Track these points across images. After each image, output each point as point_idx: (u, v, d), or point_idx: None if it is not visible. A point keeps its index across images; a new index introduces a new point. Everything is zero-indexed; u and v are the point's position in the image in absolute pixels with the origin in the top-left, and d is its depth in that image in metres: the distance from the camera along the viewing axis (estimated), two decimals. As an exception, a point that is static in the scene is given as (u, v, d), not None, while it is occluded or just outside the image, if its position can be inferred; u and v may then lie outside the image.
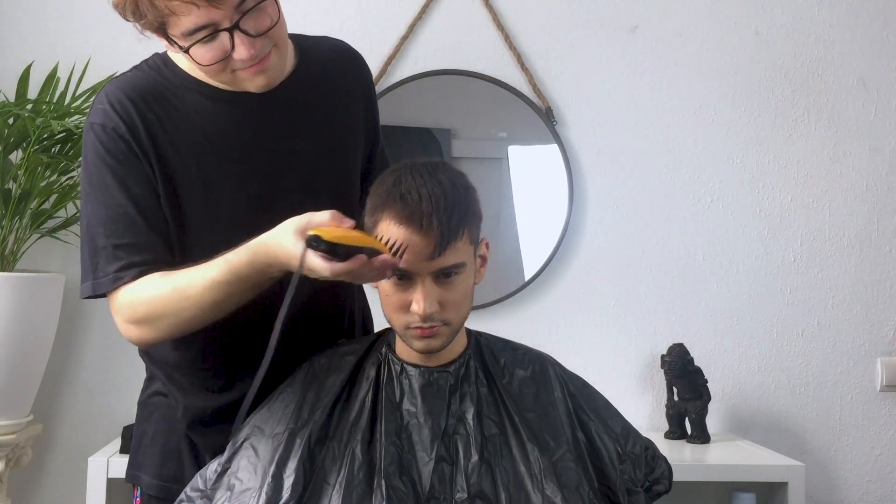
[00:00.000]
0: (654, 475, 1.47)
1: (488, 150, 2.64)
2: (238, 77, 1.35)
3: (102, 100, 1.38)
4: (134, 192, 1.35)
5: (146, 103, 1.37)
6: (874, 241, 2.64)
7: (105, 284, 1.36)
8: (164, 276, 1.33)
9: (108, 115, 1.36)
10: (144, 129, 1.36)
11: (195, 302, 1.30)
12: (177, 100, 1.39)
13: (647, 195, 2.61)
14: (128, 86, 1.39)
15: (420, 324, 1.32)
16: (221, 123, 1.39)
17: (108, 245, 1.35)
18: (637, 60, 2.62)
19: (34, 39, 2.50)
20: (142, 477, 1.54)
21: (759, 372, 2.60)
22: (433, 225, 1.28)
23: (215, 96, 1.39)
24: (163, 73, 1.41)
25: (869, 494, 2.61)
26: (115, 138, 1.35)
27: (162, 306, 1.33)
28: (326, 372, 1.42)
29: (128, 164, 1.35)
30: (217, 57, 1.30)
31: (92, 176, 1.37)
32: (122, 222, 1.35)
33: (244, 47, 1.29)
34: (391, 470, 1.31)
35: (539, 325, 2.56)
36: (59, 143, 2.30)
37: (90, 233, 1.37)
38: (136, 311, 1.35)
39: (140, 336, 1.39)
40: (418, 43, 2.57)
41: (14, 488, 2.40)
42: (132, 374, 2.47)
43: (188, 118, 1.38)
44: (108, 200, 1.36)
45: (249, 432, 1.39)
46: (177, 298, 1.31)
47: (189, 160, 1.38)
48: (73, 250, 2.44)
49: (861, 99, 2.65)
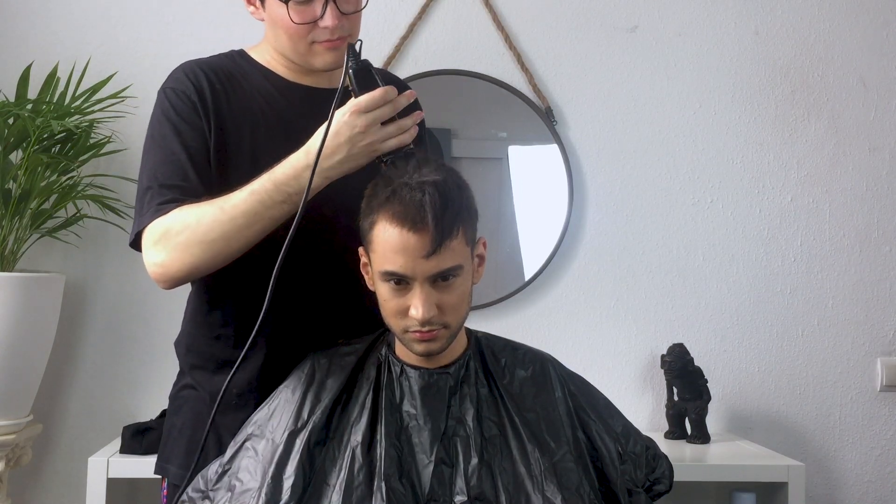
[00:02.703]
0: (655, 474, 1.47)
1: (488, 150, 2.64)
2: (313, 50, 1.49)
3: (178, 71, 1.54)
4: (189, 144, 1.47)
5: (217, 77, 1.52)
6: (874, 241, 2.64)
7: (147, 217, 1.43)
8: (201, 202, 1.41)
9: (181, 81, 1.51)
10: (211, 97, 1.50)
11: (230, 215, 1.37)
12: (244, 81, 1.54)
13: (647, 195, 2.61)
14: (204, 63, 1.55)
15: (419, 328, 1.32)
16: (278, 106, 1.53)
17: (156, 185, 1.45)
18: (637, 60, 2.62)
19: (34, 39, 2.50)
20: (169, 468, 1.57)
21: (759, 372, 2.60)
22: (427, 222, 1.28)
23: (278, 83, 1.55)
24: (237, 60, 1.58)
25: (869, 494, 2.61)
26: (183, 99, 1.49)
27: (194, 221, 1.39)
28: (326, 372, 1.42)
29: (189, 122, 1.48)
30: (306, 19, 1.45)
31: (154, 130, 1.50)
32: (174, 166, 1.45)
33: (331, 17, 1.45)
34: (391, 472, 1.31)
35: (539, 325, 2.56)
36: (59, 143, 2.30)
37: (145, 179, 1.47)
38: (168, 230, 1.40)
39: (162, 260, 1.41)
40: (418, 43, 2.57)
41: (14, 488, 2.40)
42: (132, 374, 2.50)
43: (250, 96, 1.53)
44: (165, 149, 1.47)
45: (250, 433, 1.39)
46: (213, 211, 1.38)
47: (244, 132, 1.50)
48: (73, 250, 2.45)
49: (861, 99, 2.65)
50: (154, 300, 2.47)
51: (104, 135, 2.40)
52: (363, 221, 1.35)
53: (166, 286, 1.47)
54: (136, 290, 2.49)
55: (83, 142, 2.32)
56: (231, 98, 1.51)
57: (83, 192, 2.36)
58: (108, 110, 2.35)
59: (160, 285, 1.46)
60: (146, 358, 2.48)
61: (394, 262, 1.30)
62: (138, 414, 2.45)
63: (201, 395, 1.55)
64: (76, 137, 2.29)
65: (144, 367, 2.48)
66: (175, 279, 1.45)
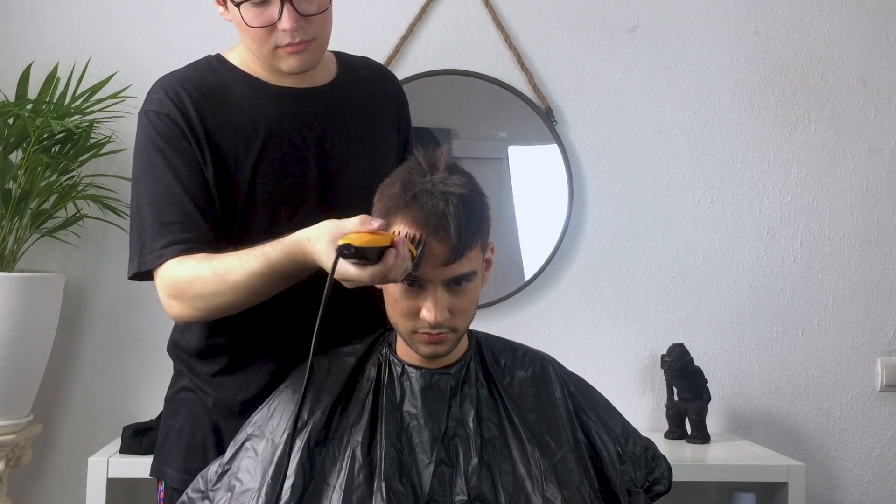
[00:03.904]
0: (654, 475, 1.47)
1: (488, 150, 2.63)
2: (276, 55, 1.45)
3: (158, 90, 1.49)
4: (181, 174, 1.43)
5: (199, 92, 1.47)
6: (874, 241, 2.64)
7: (150, 261, 1.43)
8: (206, 259, 1.39)
9: (163, 103, 1.46)
10: (197, 116, 1.45)
11: (232, 288, 1.36)
12: (227, 91, 1.49)
13: (647, 195, 2.61)
14: (182, 78, 1.50)
15: (428, 330, 1.32)
16: (267, 113, 1.49)
17: (154, 223, 1.43)
18: (637, 60, 2.62)
19: (34, 39, 2.50)
20: (167, 471, 1.56)
21: (759, 372, 2.60)
22: (450, 232, 1.28)
23: (262, 88, 1.50)
24: (215, 68, 1.52)
25: (869, 494, 2.61)
26: (168, 123, 1.44)
27: (200, 287, 1.38)
28: (327, 372, 1.42)
29: (178, 148, 1.44)
30: (263, 23, 1.41)
31: (143, 159, 1.46)
32: (169, 201, 1.43)
33: (289, 20, 1.40)
34: (391, 472, 1.31)
35: (539, 325, 2.56)
36: (59, 143, 2.30)
37: (139, 213, 1.46)
38: (176, 287, 1.41)
39: (180, 312, 1.44)
40: (418, 43, 2.57)
41: (14, 488, 2.40)
42: (132, 374, 2.50)
43: (237, 106, 1.48)
44: (157, 181, 1.44)
45: (250, 433, 1.39)
46: (215, 282, 1.37)
47: (238, 144, 1.47)
48: (73, 250, 2.45)
49: (861, 99, 2.65)
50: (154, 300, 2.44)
51: (104, 135, 2.40)
52: None
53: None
54: (136, 290, 2.46)
55: (83, 142, 2.32)
56: (217, 112, 1.47)
57: (83, 192, 2.37)
58: (108, 110, 2.35)
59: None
60: (146, 358, 2.48)
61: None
62: (138, 414, 2.45)
63: (199, 397, 1.54)
64: (76, 137, 2.29)
65: (144, 367, 2.48)
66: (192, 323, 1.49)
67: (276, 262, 1.33)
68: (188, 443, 1.54)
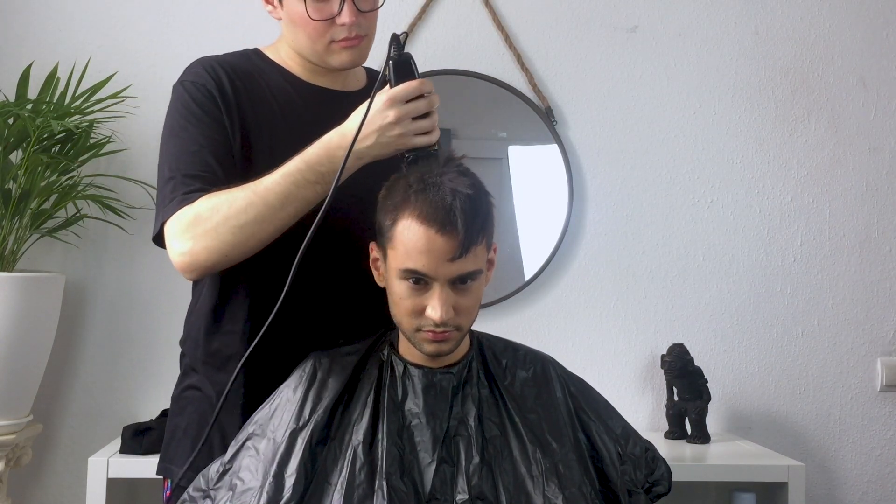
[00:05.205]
0: (654, 476, 1.47)
1: (488, 150, 2.64)
2: (331, 49, 1.51)
3: (196, 65, 1.54)
4: (210, 136, 1.47)
5: (236, 74, 1.53)
6: (874, 241, 2.64)
7: (172, 208, 1.42)
8: (232, 189, 1.40)
9: (200, 75, 1.52)
10: (232, 93, 1.50)
11: (263, 197, 1.37)
12: (261, 79, 1.55)
13: (647, 195, 2.61)
14: (221, 59, 1.56)
15: (433, 328, 1.32)
16: (295, 105, 1.55)
17: (179, 175, 1.44)
18: (637, 60, 2.62)
19: (34, 39, 2.50)
20: (173, 469, 1.56)
21: (759, 372, 2.60)
22: (458, 226, 1.28)
23: (294, 82, 1.57)
24: (252, 59, 1.59)
25: (869, 494, 2.61)
26: (204, 93, 1.50)
27: (227, 208, 1.38)
28: (328, 371, 1.42)
29: (210, 115, 1.48)
30: (324, 16, 1.47)
31: (174, 122, 1.50)
32: (196, 157, 1.46)
33: (349, 14, 1.47)
34: (392, 470, 1.31)
35: (539, 325, 2.56)
36: (59, 143, 2.30)
37: (166, 170, 1.46)
38: (199, 217, 1.39)
39: (193, 247, 1.39)
40: (418, 43, 2.57)
41: (14, 488, 2.40)
42: (132, 374, 2.50)
43: (268, 93, 1.54)
44: (186, 142, 1.47)
45: (251, 432, 1.39)
46: (245, 195, 1.38)
47: (263, 126, 1.51)
48: (73, 250, 2.45)
49: (861, 99, 2.66)
50: (154, 300, 2.47)
51: (104, 135, 2.40)
52: (382, 217, 1.34)
53: (192, 276, 1.45)
54: (136, 290, 2.49)
55: (83, 142, 2.32)
56: (249, 94, 1.52)
57: (83, 192, 2.37)
58: (108, 110, 2.35)
59: (186, 276, 1.44)
60: (146, 358, 2.48)
61: (417, 261, 1.30)
62: (138, 414, 2.45)
63: (206, 396, 1.54)
64: (76, 137, 2.29)
65: (144, 367, 2.48)
66: (203, 268, 1.42)
67: (309, 155, 1.37)
68: (194, 441, 1.53)
